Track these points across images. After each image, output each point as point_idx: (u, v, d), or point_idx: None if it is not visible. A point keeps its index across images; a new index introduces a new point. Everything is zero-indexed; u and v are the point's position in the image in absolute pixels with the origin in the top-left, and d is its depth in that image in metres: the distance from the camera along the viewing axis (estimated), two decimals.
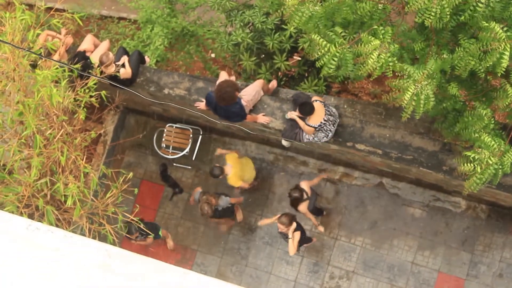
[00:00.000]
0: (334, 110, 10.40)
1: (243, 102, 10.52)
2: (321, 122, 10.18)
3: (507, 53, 6.88)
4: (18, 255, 3.74)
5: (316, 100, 10.30)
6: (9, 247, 3.79)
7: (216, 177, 11.33)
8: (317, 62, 7.66)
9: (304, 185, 11.20)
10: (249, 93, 10.71)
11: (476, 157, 7.56)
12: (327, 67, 7.52)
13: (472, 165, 7.53)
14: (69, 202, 9.02)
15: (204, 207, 11.21)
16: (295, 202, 11.09)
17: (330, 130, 10.27)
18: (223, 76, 11.06)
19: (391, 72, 7.45)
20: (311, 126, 10.21)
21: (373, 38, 7.25)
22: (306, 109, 10.20)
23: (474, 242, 11.46)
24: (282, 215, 10.79)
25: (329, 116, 10.22)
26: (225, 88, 10.28)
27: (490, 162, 7.46)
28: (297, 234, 10.82)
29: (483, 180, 7.64)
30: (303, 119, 10.33)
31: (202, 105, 10.93)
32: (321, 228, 11.92)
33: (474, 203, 11.53)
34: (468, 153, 7.64)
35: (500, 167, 7.59)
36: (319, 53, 7.47)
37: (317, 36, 7.47)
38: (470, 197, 11.35)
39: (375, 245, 11.83)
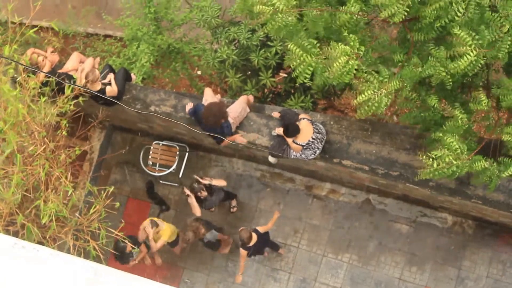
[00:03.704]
0: (321, 127, 10.40)
1: (230, 119, 10.51)
2: (309, 140, 10.16)
3: (469, 57, 7.01)
4: (4, 273, 3.71)
5: (303, 118, 10.29)
6: None
7: (155, 225, 11.38)
8: (293, 72, 7.74)
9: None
10: (235, 110, 10.71)
11: (438, 155, 7.87)
12: (302, 76, 7.60)
13: (431, 160, 7.91)
14: (44, 220, 8.98)
15: (189, 234, 11.20)
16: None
17: (318, 148, 10.26)
18: (208, 92, 11.05)
19: (351, 77, 7.59)
20: (299, 144, 10.19)
21: (341, 45, 7.34)
22: (290, 130, 10.18)
23: (461, 258, 11.46)
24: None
25: (317, 134, 10.21)
26: (213, 114, 10.26)
27: (454, 162, 7.78)
28: (242, 251, 10.99)
29: (435, 175, 8.01)
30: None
31: (189, 105, 10.90)
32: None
33: (461, 219, 11.54)
34: (434, 152, 7.97)
35: (459, 170, 7.93)
36: (295, 63, 7.55)
37: (294, 46, 7.54)
38: (457, 212, 11.38)
39: (362, 261, 11.82)
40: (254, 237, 10.87)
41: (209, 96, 10.90)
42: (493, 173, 8.06)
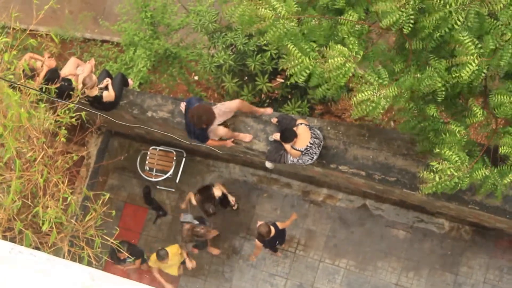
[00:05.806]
0: (319, 132, 10.38)
1: (210, 133, 10.49)
2: (307, 146, 10.14)
3: (471, 66, 7.00)
4: (1, 278, 3.70)
5: (301, 123, 10.28)
6: None
7: (163, 258, 11.43)
8: (288, 70, 7.73)
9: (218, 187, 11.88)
10: (218, 133, 10.64)
11: (439, 168, 7.80)
12: (296, 77, 7.59)
13: (432, 174, 7.84)
14: (45, 227, 8.95)
15: (198, 229, 11.32)
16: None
17: (315, 153, 10.24)
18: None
19: (346, 80, 7.59)
20: (298, 150, 10.17)
21: (340, 46, 7.33)
22: (286, 135, 10.16)
23: (458, 263, 11.47)
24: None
25: (315, 139, 10.19)
26: (201, 114, 10.20)
27: (455, 174, 7.68)
28: (258, 243, 11.26)
29: (438, 188, 7.92)
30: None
31: (182, 106, 10.90)
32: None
33: (458, 224, 11.54)
34: (433, 163, 7.90)
35: (461, 182, 7.85)
36: (292, 63, 7.54)
37: (292, 47, 7.54)
38: (454, 218, 11.38)
39: (359, 266, 11.81)
40: (273, 231, 11.06)
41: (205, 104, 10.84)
42: (496, 180, 8.03)
